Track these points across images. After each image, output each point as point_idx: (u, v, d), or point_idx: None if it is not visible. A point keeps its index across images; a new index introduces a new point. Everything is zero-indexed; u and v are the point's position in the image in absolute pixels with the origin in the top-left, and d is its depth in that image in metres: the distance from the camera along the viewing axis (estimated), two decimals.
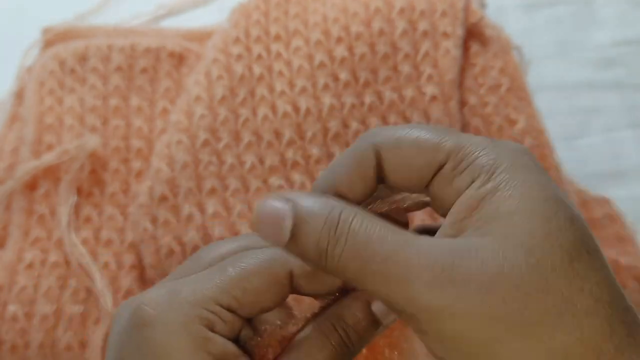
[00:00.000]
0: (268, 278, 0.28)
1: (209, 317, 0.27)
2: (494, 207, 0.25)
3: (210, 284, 0.27)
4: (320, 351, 0.28)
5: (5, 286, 0.53)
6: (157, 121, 0.60)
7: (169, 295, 0.27)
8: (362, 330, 0.29)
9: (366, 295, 0.29)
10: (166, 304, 0.27)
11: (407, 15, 0.60)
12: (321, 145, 0.57)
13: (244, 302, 0.28)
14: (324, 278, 0.29)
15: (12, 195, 0.57)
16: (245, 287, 0.27)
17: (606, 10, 0.73)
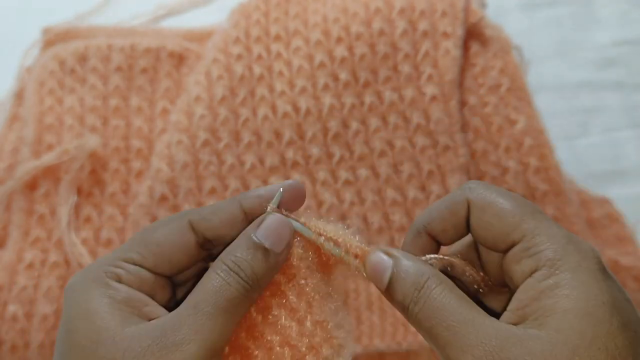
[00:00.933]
0: (168, 229, 0.32)
1: (115, 271, 0.31)
2: (553, 302, 0.28)
3: (119, 249, 0.33)
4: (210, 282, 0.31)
5: (5, 286, 0.53)
6: (157, 121, 0.60)
7: (90, 265, 0.33)
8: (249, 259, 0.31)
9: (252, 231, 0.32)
10: (82, 272, 0.32)
11: (407, 15, 0.60)
12: (321, 145, 0.57)
13: (148, 254, 0.32)
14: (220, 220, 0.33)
15: (12, 195, 0.57)
16: (147, 241, 0.32)
17: (606, 10, 0.73)
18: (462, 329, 0.29)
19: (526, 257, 0.30)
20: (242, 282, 0.31)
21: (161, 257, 0.32)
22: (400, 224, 0.56)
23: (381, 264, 0.32)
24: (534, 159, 0.57)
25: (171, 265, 0.33)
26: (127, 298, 0.31)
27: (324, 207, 0.56)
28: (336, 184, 0.56)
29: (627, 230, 0.60)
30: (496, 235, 0.32)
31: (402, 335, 0.54)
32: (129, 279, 0.32)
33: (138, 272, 0.32)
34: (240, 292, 0.31)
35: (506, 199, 0.32)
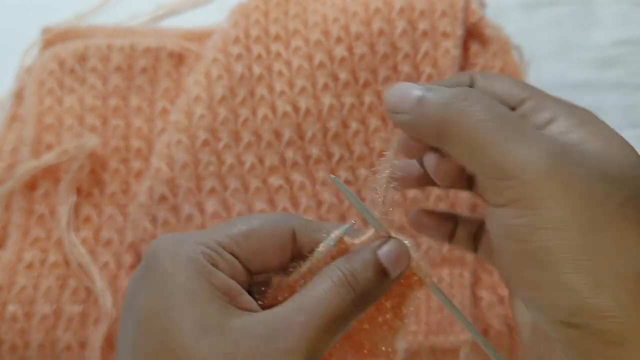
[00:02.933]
0: (271, 230, 0.31)
1: (212, 255, 0.29)
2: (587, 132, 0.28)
3: (217, 232, 0.30)
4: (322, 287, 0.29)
5: (5, 286, 0.53)
6: (156, 121, 0.60)
7: (177, 237, 0.30)
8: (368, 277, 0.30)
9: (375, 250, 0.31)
10: (175, 242, 0.30)
11: (407, 15, 0.60)
12: (321, 145, 0.57)
13: (246, 249, 0.30)
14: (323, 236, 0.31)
15: (12, 195, 0.57)
16: (249, 235, 0.30)
17: (606, 10, 0.73)
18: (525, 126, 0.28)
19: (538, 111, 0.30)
20: (355, 298, 0.30)
21: (257, 254, 0.31)
22: (400, 223, 0.56)
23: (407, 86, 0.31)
24: None
25: (263, 265, 0.31)
26: (225, 286, 0.29)
27: (323, 207, 0.56)
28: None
29: None
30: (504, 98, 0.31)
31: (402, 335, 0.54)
32: (224, 266, 0.30)
33: (233, 262, 0.30)
34: (350, 308, 0.29)
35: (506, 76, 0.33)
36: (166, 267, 0.29)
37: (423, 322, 0.54)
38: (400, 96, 0.30)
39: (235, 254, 0.30)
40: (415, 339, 0.54)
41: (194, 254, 0.29)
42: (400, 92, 0.30)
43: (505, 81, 0.32)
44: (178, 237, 0.30)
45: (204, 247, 0.29)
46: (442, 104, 0.29)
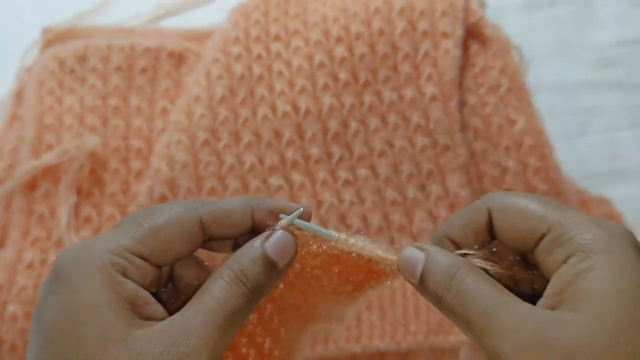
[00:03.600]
0: (179, 226, 0.32)
1: (121, 263, 0.30)
2: (587, 286, 0.28)
3: (124, 235, 0.31)
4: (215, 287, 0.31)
5: (5, 286, 0.53)
6: (156, 121, 0.60)
7: (83, 246, 0.30)
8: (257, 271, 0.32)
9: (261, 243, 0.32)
10: (81, 253, 0.30)
11: (407, 15, 0.60)
12: (321, 145, 0.57)
13: (156, 250, 0.31)
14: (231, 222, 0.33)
15: (12, 195, 0.57)
16: (156, 233, 0.31)
17: (606, 10, 0.73)
18: (498, 314, 0.29)
19: (557, 247, 0.30)
20: (247, 293, 0.31)
21: (167, 251, 0.32)
22: (400, 223, 0.56)
23: (414, 257, 0.33)
24: (534, 159, 0.57)
25: (173, 258, 0.32)
26: (133, 296, 0.30)
27: (323, 207, 0.56)
28: (336, 184, 0.56)
29: None
30: (522, 233, 0.32)
31: (401, 335, 0.54)
32: (134, 273, 0.31)
33: (145, 268, 0.31)
34: (245, 302, 0.31)
35: (526, 198, 0.32)
36: (72, 279, 0.29)
37: (423, 322, 0.54)
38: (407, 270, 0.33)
39: (144, 256, 0.31)
40: (415, 339, 0.54)
41: (101, 263, 0.30)
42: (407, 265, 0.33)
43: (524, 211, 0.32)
44: (86, 245, 0.31)
45: (113, 255, 0.30)
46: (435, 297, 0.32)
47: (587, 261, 0.29)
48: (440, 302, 0.31)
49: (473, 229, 0.34)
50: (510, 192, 0.35)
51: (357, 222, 0.55)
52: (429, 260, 0.32)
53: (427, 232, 0.55)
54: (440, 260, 0.32)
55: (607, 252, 0.29)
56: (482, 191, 0.57)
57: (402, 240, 0.55)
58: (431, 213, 0.56)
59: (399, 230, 0.55)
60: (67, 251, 0.31)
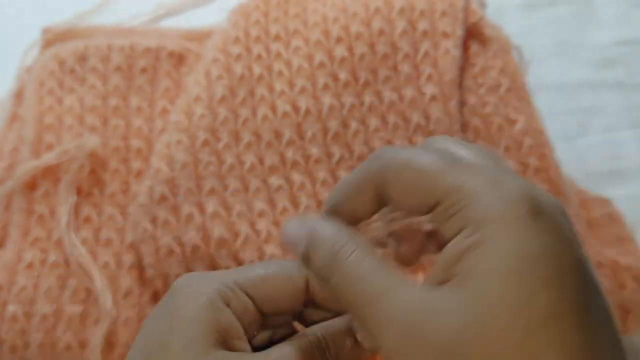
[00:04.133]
0: (286, 277, 0.32)
1: (227, 293, 0.31)
2: (473, 263, 0.24)
3: (238, 273, 0.32)
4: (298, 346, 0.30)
5: (5, 286, 0.53)
6: (156, 121, 0.60)
7: (202, 275, 0.33)
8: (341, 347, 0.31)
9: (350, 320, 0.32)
10: (197, 277, 0.32)
11: (407, 15, 0.60)
12: (321, 145, 0.57)
13: (262, 294, 0.32)
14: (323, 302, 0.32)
15: (12, 195, 0.57)
16: (265, 279, 0.32)
17: (606, 10, 0.73)
18: (381, 302, 0.26)
19: (448, 219, 0.26)
20: None
21: (271, 299, 0.32)
22: None
23: (293, 236, 0.30)
24: (534, 159, 0.57)
25: (275, 308, 0.33)
26: (228, 325, 0.31)
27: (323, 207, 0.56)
28: (336, 183, 0.56)
29: (627, 230, 0.60)
30: (419, 199, 0.27)
31: None
32: (237, 306, 0.31)
33: (246, 302, 0.32)
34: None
35: (422, 154, 0.28)
36: (180, 295, 0.31)
37: None
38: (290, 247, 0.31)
39: (250, 295, 0.32)
40: None
41: (209, 289, 0.31)
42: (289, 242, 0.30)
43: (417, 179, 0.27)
44: (203, 275, 0.33)
45: (222, 285, 0.31)
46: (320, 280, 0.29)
47: (476, 235, 0.24)
48: (326, 287, 0.28)
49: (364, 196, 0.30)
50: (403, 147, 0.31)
51: None
52: (312, 237, 0.29)
53: None
54: (323, 236, 0.28)
55: (498, 222, 0.24)
56: None
57: None
58: None
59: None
60: (187, 275, 0.33)
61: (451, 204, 0.26)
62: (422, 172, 0.27)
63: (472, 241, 0.25)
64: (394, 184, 0.28)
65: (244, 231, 0.54)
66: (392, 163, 0.28)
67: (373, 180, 0.29)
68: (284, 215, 0.55)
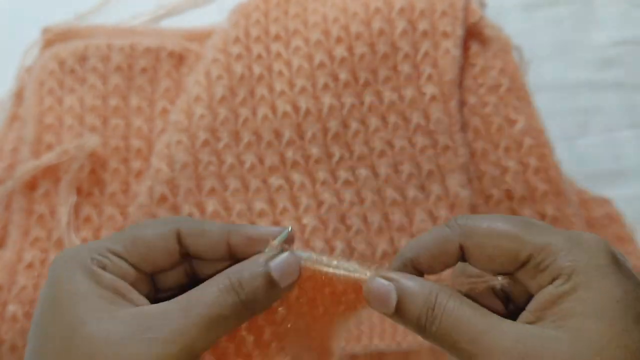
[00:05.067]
0: (157, 236, 0.34)
1: (100, 259, 0.33)
2: (570, 306, 0.29)
3: (107, 239, 0.34)
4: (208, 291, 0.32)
5: (5, 286, 0.53)
6: (157, 121, 0.60)
7: (75, 249, 0.34)
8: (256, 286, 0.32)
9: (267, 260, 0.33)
10: (68, 253, 0.33)
11: (407, 15, 0.60)
12: (321, 145, 0.57)
13: (135, 254, 0.33)
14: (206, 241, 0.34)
15: (12, 195, 0.57)
16: (135, 240, 0.33)
17: (606, 10, 0.73)
18: (485, 339, 0.30)
19: (539, 272, 0.31)
20: (238, 304, 0.32)
21: (145, 257, 0.34)
22: (400, 223, 0.56)
23: (383, 289, 0.33)
24: (534, 159, 0.57)
25: (154, 265, 0.34)
26: (111, 285, 0.32)
27: (323, 207, 0.56)
28: (336, 184, 0.56)
29: (627, 230, 0.60)
30: (501, 263, 0.32)
31: (402, 335, 0.54)
32: (113, 269, 0.33)
33: (121, 264, 0.33)
34: (233, 312, 0.31)
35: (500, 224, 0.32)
36: (58, 274, 0.32)
37: None
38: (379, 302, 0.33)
39: (123, 257, 0.33)
40: (415, 339, 0.54)
41: (83, 260, 0.32)
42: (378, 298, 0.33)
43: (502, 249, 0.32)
44: (75, 249, 0.34)
45: (94, 253, 0.33)
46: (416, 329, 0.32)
47: (570, 283, 0.30)
48: (425, 332, 0.32)
49: (442, 260, 0.34)
50: (480, 217, 0.33)
51: (357, 222, 0.55)
52: (403, 291, 0.32)
53: None
54: (415, 290, 0.32)
55: (587, 272, 0.30)
56: (482, 191, 0.57)
57: (402, 240, 0.55)
58: (431, 213, 0.56)
59: (399, 230, 0.55)
60: (58, 255, 0.34)
61: (540, 261, 0.31)
62: (505, 240, 0.32)
63: (566, 288, 0.30)
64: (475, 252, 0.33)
65: None
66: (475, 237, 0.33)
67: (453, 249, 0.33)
68: (284, 215, 0.55)
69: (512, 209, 0.57)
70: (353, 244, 0.55)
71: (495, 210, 0.57)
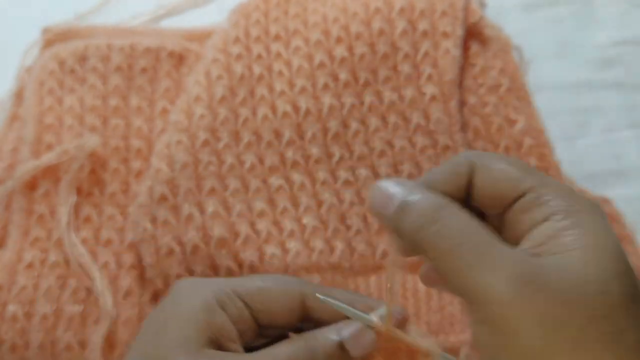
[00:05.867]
0: (282, 290, 0.34)
1: (223, 298, 0.33)
2: (573, 240, 0.28)
3: (237, 281, 0.35)
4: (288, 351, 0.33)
5: (5, 286, 0.53)
6: (157, 121, 0.60)
7: (203, 280, 0.35)
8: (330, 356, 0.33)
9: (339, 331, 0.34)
10: (197, 281, 0.34)
11: (407, 15, 0.60)
12: (321, 145, 0.57)
13: (257, 302, 0.34)
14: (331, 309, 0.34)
15: (12, 195, 0.57)
16: (262, 290, 0.34)
17: (606, 10, 0.73)
18: (489, 250, 0.28)
19: (536, 206, 0.30)
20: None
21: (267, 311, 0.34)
22: None
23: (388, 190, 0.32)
24: (534, 159, 0.57)
25: (271, 320, 0.35)
26: (220, 326, 0.33)
27: (323, 207, 0.56)
28: (336, 183, 0.56)
29: (627, 230, 0.60)
30: (502, 190, 0.31)
31: None
32: (232, 311, 0.33)
33: (241, 309, 0.34)
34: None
35: (507, 158, 0.32)
36: (178, 297, 0.33)
37: (423, 322, 0.54)
38: (382, 203, 0.32)
39: (246, 303, 0.34)
40: None
41: (207, 292, 0.33)
42: (382, 198, 0.32)
43: (508, 169, 0.32)
44: (203, 280, 0.35)
45: (220, 290, 0.33)
46: (415, 227, 0.30)
47: (570, 219, 0.29)
48: (420, 234, 0.30)
49: (456, 183, 0.32)
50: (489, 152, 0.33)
51: (357, 222, 0.55)
52: (412, 193, 0.31)
53: None
54: (425, 195, 0.31)
55: (587, 214, 0.29)
56: None
57: None
58: None
59: None
60: (185, 280, 0.35)
61: (539, 195, 0.30)
62: (511, 167, 0.31)
63: (567, 224, 0.29)
64: (482, 178, 0.32)
65: (244, 231, 0.54)
66: (483, 160, 0.32)
67: (466, 169, 0.32)
68: (284, 215, 0.55)
69: None
70: (353, 244, 0.55)
71: None
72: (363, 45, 0.59)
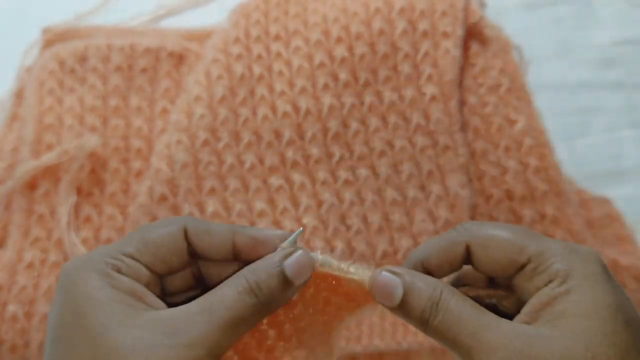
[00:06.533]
0: (163, 232, 0.34)
1: (114, 263, 0.33)
2: (564, 307, 0.32)
3: (118, 243, 0.35)
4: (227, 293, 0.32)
5: (5, 286, 0.53)
6: (157, 121, 0.60)
7: (86, 255, 0.34)
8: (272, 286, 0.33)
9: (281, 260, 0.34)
10: (81, 259, 0.34)
11: (407, 15, 0.60)
12: (321, 145, 0.57)
13: (146, 254, 0.34)
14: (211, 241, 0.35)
15: (12, 195, 0.57)
16: (144, 239, 0.34)
17: (606, 10, 0.73)
18: (485, 334, 0.32)
19: (536, 275, 0.33)
20: (257, 304, 0.33)
21: (156, 257, 0.34)
22: (400, 223, 0.56)
23: (389, 282, 0.34)
24: (534, 159, 0.57)
25: (164, 265, 0.34)
26: (130, 288, 0.32)
27: (323, 207, 0.56)
28: (336, 184, 0.56)
29: (627, 230, 0.60)
30: (502, 264, 0.34)
31: (402, 335, 0.54)
32: (128, 271, 0.33)
33: (136, 266, 0.33)
34: (252, 313, 0.33)
35: (504, 230, 0.35)
36: (73, 280, 0.32)
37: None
38: (384, 295, 0.34)
39: (137, 258, 0.34)
40: (415, 339, 0.54)
41: (97, 264, 0.33)
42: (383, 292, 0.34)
43: (505, 250, 0.34)
44: (86, 255, 0.34)
45: (108, 257, 0.33)
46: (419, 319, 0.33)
47: (564, 285, 0.32)
48: (427, 327, 0.33)
49: (449, 260, 0.36)
50: (486, 223, 0.36)
51: (357, 222, 0.55)
52: (410, 286, 0.34)
53: (427, 232, 0.55)
54: (421, 286, 0.34)
55: (581, 277, 0.32)
56: (482, 191, 0.57)
57: (402, 240, 0.55)
58: (431, 213, 0.56)
59: (399, 230, 0.55)
60: (70, 261, 0.34)
61: (538, 264, 0.33)
62: (507, 244, 0.34)
63: (561, 290, 0.32)
64: (480, 255, 0.35)
65: None
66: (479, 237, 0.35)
67: (459, 249, 0.35)
68: (284, 215, 0.55)
69: (512, 209, 0.57)
70: (353, 244, 0.55)
71: (495, 210, 0.57)
72: (363, 45, 0.59)
